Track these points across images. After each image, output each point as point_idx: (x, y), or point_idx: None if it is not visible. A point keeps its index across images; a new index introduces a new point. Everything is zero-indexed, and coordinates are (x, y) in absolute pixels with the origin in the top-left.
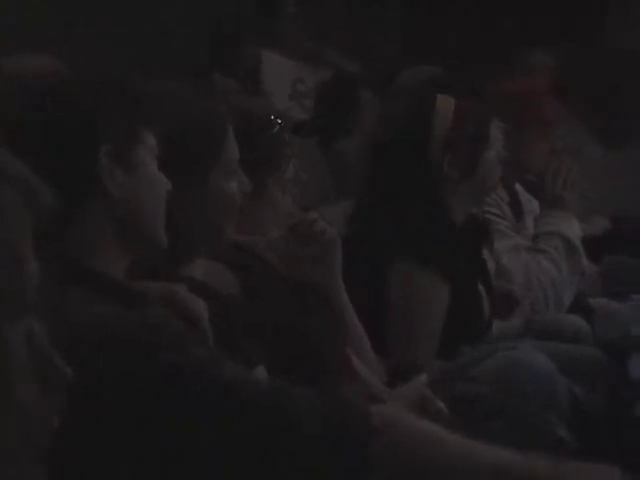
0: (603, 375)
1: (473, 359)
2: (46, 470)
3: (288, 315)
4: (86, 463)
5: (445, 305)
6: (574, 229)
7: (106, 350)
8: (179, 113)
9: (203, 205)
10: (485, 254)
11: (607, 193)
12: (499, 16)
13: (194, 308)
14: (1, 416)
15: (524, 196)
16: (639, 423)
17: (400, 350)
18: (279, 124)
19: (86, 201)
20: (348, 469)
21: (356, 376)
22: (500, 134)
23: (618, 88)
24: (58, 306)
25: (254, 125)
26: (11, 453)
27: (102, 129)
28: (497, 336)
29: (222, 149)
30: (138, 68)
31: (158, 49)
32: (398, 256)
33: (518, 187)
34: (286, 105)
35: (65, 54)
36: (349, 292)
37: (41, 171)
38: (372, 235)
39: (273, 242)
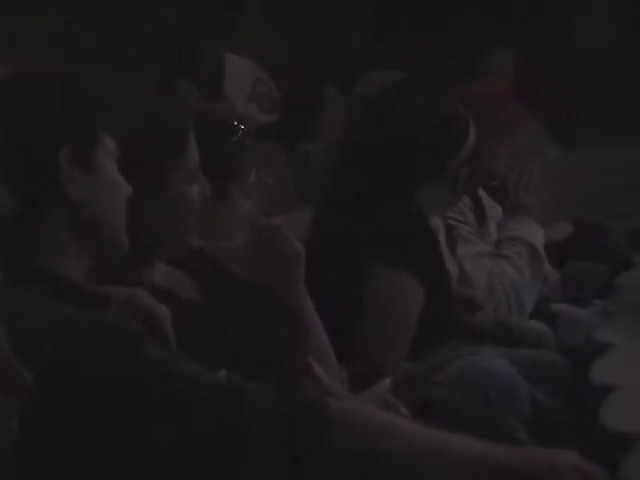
0: (565, 380)
1: (439, 363)
2: (7, 470)
3: (250, 320)
4: (47, 463)
5: (420, 307)
6: (537, 235)
7: (66, 350)
8: (140, 117)
9: (164, 209)
10: (447, 258)
11: (569, 197)
12: (462, 18)
13: (157, 313)
14: None
15: (487, 201)
16: (601, 428)
17: (374, 352)
18: (242, 129)
19: (45, 204)
20: (314, 464)
21: (317, 382)
22: None
23: (581, 90)
24: (18, 308)
25: (216, 130)
26: None
27: (61, 132)
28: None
29: (183, 154)
30: (99, 71)
31: (120, 52)
32: (373, 258)
33: (481, 192)
34: (246, 107)
35: (25, 56)
36: (316, 296)
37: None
38: (343, 238)
39: (235, 248)
